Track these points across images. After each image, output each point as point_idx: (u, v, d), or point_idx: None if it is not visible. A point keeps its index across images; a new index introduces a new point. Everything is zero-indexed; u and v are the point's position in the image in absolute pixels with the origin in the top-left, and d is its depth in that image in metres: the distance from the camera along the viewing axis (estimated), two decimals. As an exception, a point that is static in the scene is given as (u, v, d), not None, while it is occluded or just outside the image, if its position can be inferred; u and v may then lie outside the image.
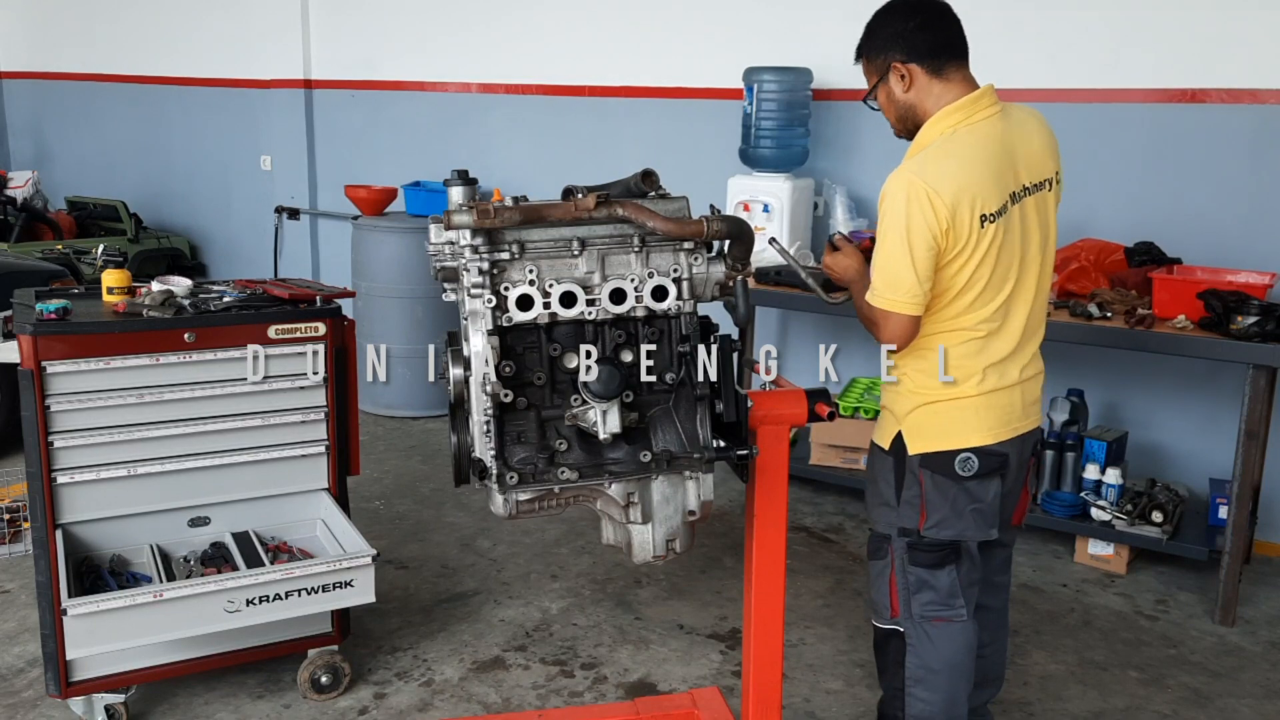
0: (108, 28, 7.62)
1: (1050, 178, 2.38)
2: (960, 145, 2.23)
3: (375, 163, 6.35)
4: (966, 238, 2.18)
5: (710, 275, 2.02)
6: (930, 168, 2.18)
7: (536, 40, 5.70)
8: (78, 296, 2.93)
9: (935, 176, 2.16)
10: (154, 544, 2.88)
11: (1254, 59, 3.95)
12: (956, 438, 2.31)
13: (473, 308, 1.91)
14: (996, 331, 2.31)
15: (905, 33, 2.30)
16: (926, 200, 2.14)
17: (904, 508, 2.34)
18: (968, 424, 2.33)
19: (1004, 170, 2.24)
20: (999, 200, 2.22)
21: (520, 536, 4.06)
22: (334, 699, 2.97)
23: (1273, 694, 3.13)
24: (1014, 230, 2.26)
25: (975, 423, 2.32)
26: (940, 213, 2.14)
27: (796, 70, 4.57)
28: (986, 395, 2.32)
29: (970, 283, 2.23)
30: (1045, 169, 2.36)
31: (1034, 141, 2.35)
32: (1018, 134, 2.32)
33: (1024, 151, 2.30)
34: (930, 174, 2.16)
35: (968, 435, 2.32)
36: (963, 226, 2.17)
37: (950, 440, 2.31)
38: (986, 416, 2.33)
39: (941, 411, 2.32)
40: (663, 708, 2.71)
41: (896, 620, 2.37)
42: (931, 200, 2.14)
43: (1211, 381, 4.11)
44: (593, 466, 1.93)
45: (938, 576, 2.34)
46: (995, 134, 2.27)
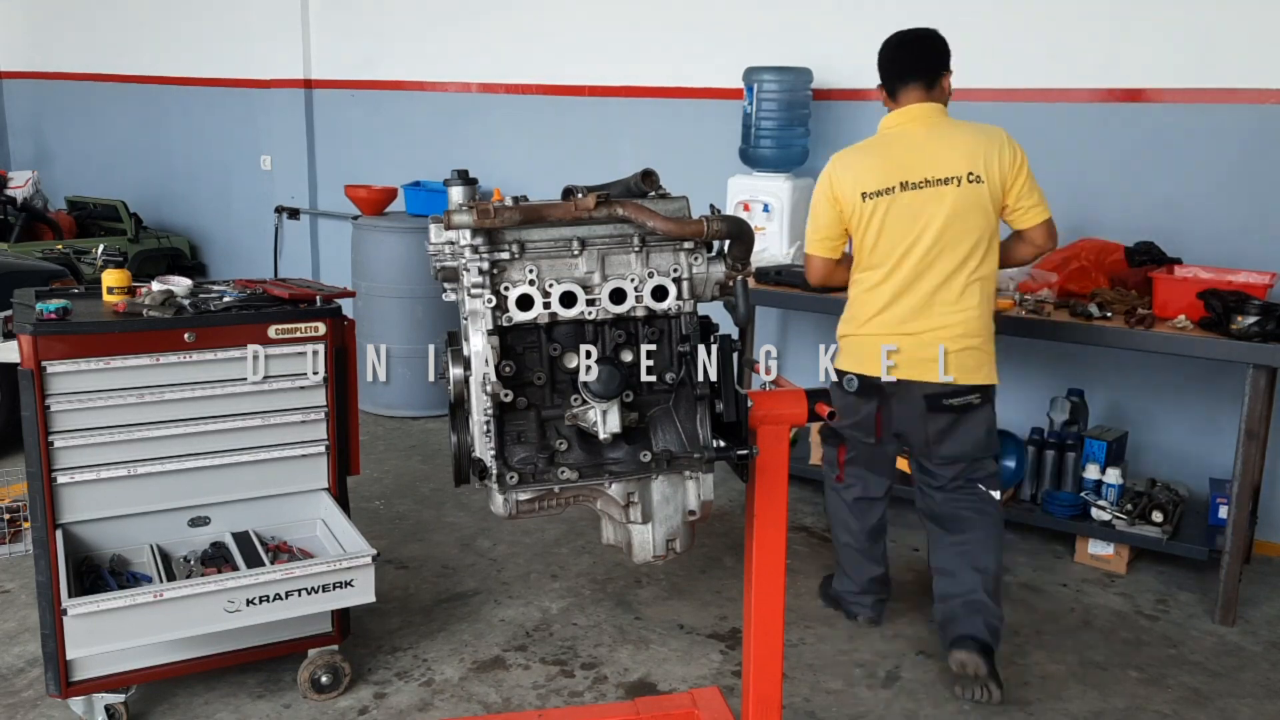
0: (108, 27, 7.62)
1: (957, 175, 2.97)
2: (870, 143, 3.14)
3: (375, 163, 6.35)
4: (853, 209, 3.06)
5: (710, 275, 2.02)
6: (843, 157, 3.13)
7: (536, 40, 5.71)
8: (78, 296, 2.93)
9: (839, 163, 3.11)
10: (154, 544, 2.88)
11: (1253, 59, 3.95)
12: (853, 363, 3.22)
13: (473, 307, 1.91)
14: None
15: (879, 64, 3.17)
16: (826, 177, 3.12)
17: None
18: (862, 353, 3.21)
19: (892, 165, 3.01)
20: (879, 184, 3.00)
21: (520, 536, 4.06)
22: (334, 699, 2.97)
23: (1273, 694, 3.13)
24: (901, 210, 2.99)
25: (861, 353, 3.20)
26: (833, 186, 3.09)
27: (796, 70, 4.57)
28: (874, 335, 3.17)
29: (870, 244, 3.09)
30: (949, 169, 2.97)
31: (946, 150, 2.99)
32: (930, 142, 3.02)
33: (927, 155, 2.99)
34: (838, 161, 3.12)
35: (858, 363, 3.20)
36: (846, 199, 3.06)
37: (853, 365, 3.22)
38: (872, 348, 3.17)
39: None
40: (663, 707, 2.71)
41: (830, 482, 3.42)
42: (830, 176, 3.11)
43: (1211, 381, 4.11)
44: (593, 466, 1.93)
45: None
46: (900, 139, 3.06)
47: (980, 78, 4.31)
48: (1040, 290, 3.90)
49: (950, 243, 2.99)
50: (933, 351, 2.99)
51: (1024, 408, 4.35)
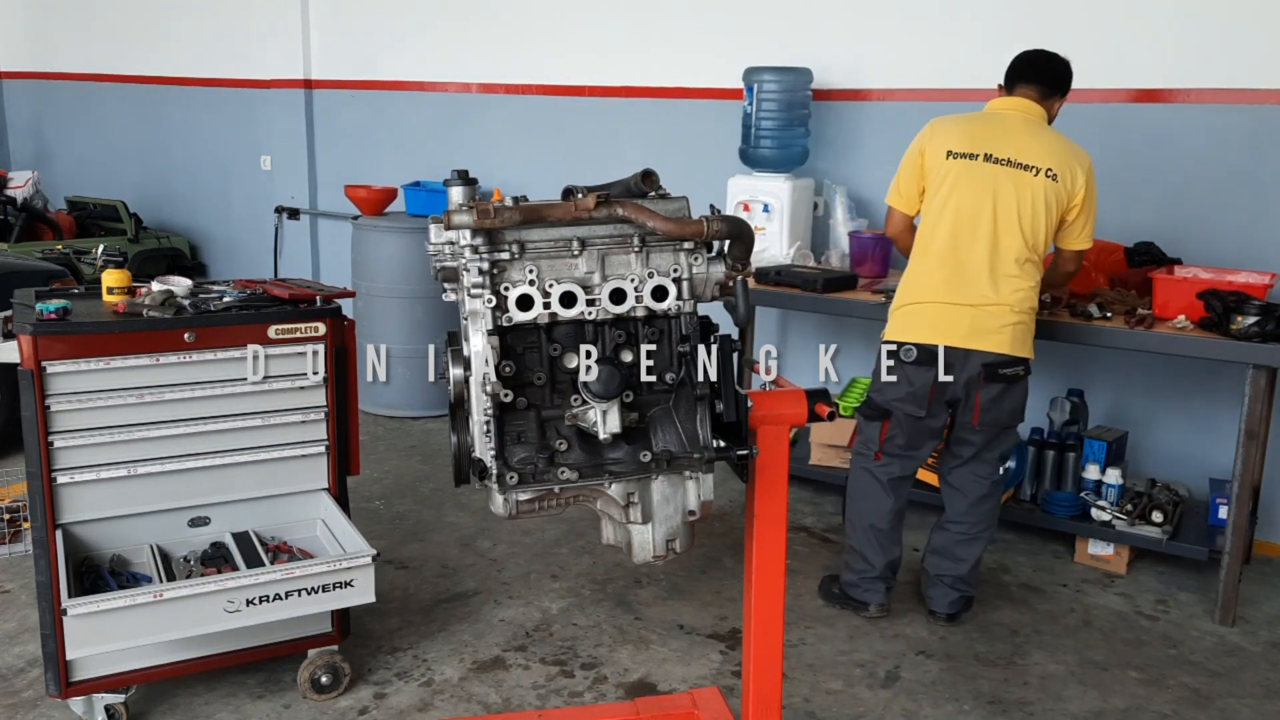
0: (108, 27, 7.62)
1: (1038, 166, 3.19)
2: (971, 115, 3.36)
3: (375, 163, 6.35)
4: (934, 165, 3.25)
5: (710, 275, 2.02)
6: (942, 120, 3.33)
7: (536, 40, 5.70)
8: (78, 296, 2.92)
9: (937, 123, 3.32)
10: (154, 544, 2.88)
11: (1253, 59, 3.95)
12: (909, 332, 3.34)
13: (473, 308, 1.91)
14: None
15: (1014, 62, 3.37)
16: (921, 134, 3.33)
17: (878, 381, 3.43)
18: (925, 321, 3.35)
19: (984, 136, 3.22)
20: (966, 148, 3.21)
21: (520, 536, 4.06)
22: (334, 699, 2.97)
23: (1273, 694, 3.13)
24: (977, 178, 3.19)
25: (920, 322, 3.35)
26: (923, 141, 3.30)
27: (796, 70, 4.57)
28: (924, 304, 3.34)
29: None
30: (1032, 159, 3.19)
31: (1036, 143, 3.22)
32: (1025, 131, 3.24)
33: (1018, 140, 3.21)
34: (937, 122, 3.33)
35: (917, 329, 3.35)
36: (931, 154, 3.26)
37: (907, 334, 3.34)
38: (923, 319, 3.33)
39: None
40: (663, 708, 2.71)
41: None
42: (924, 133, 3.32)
43: (1211, 381, 4.11)
44: (593, 466, 1.93)
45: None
46: (1000, 119, 3.29)
47: (982, 78, 4.30)
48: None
49: (1018, 223, 3.18)
50: (996, 323, 3.18)
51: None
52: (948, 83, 4.47)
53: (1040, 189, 3.18)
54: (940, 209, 3.23)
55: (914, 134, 3.35)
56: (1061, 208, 3.23)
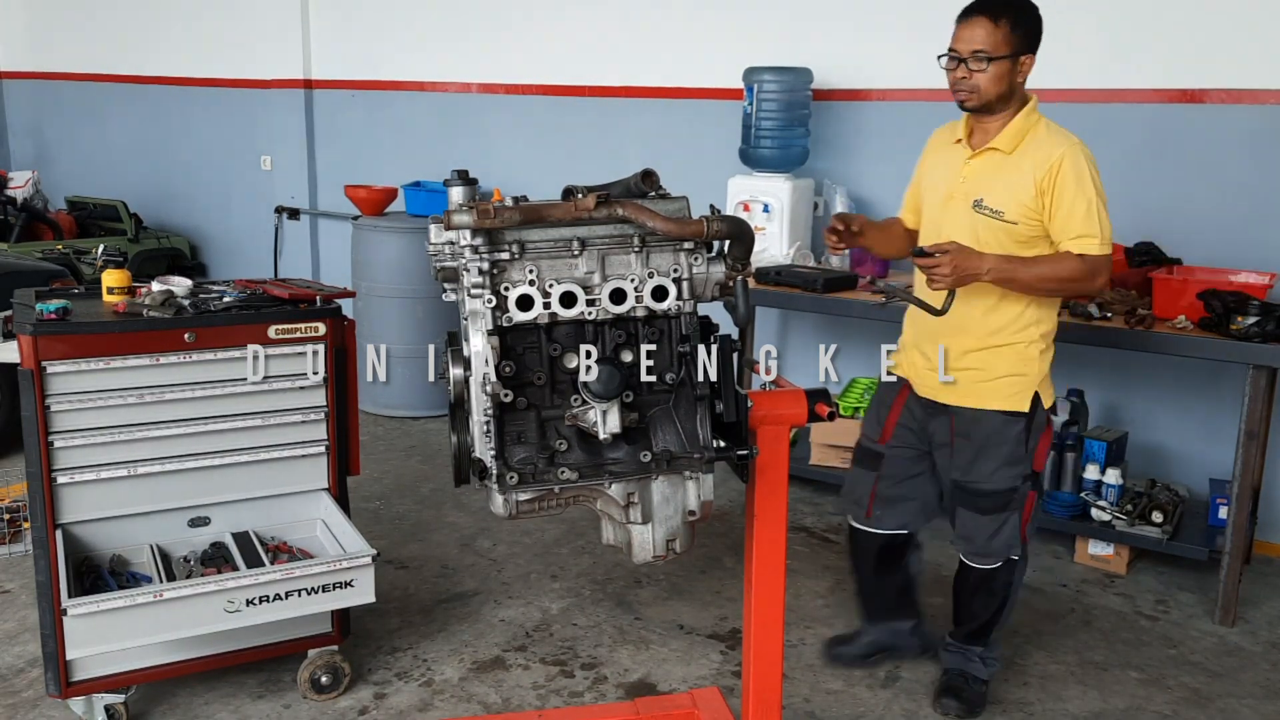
0: (108, 27, 7.62)
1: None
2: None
3: (375, 163, 6.35)
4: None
5: (710, 275, 2.02)
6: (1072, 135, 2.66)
7: (536, 40, 5.70)
8: (78, 296, 2.92)
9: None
10: (154, 544, 2.88)
11: (1254, 59, 3.95)
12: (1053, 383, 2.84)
13: (473, 308, 1.91)
14: None
15: (1039, 32, 2.67)
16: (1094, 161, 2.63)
17: (1029, 457, 2.74)
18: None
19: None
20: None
21: (520, 536, 4.06)
22: (334, 699, 2.97)
23: (1273, 694, 3.13)
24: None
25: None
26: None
27: (796, 70, 4.57)
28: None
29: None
30: None
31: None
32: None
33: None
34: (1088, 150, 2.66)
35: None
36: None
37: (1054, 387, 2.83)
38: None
39: (1051, 364, 2.77)
40: (663, 708, 2.71)
41: (1017, 550, 2.80)
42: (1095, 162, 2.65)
43: (1211, 381, 4.10)
44: (593, 467, 1.93)
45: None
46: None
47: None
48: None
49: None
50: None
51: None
52: (947, 83, 4.47)
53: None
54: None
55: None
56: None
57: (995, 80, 2.59)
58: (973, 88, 2.62)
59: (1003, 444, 2.71)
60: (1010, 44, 2.58)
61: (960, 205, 2.70)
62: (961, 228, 2.67)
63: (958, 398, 2.74)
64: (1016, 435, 2.70)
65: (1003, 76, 2.59)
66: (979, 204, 2.66)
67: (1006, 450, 2.71)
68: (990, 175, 2.66)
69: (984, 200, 2.65)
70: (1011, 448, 2.71)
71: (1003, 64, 2.58)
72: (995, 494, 2.74)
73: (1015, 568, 2.84)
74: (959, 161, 2.75)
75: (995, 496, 2.74)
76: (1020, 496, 2.75)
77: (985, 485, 2.74)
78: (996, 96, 2.62)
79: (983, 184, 2.67)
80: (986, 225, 2.65)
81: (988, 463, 2.73)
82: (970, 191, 2.69)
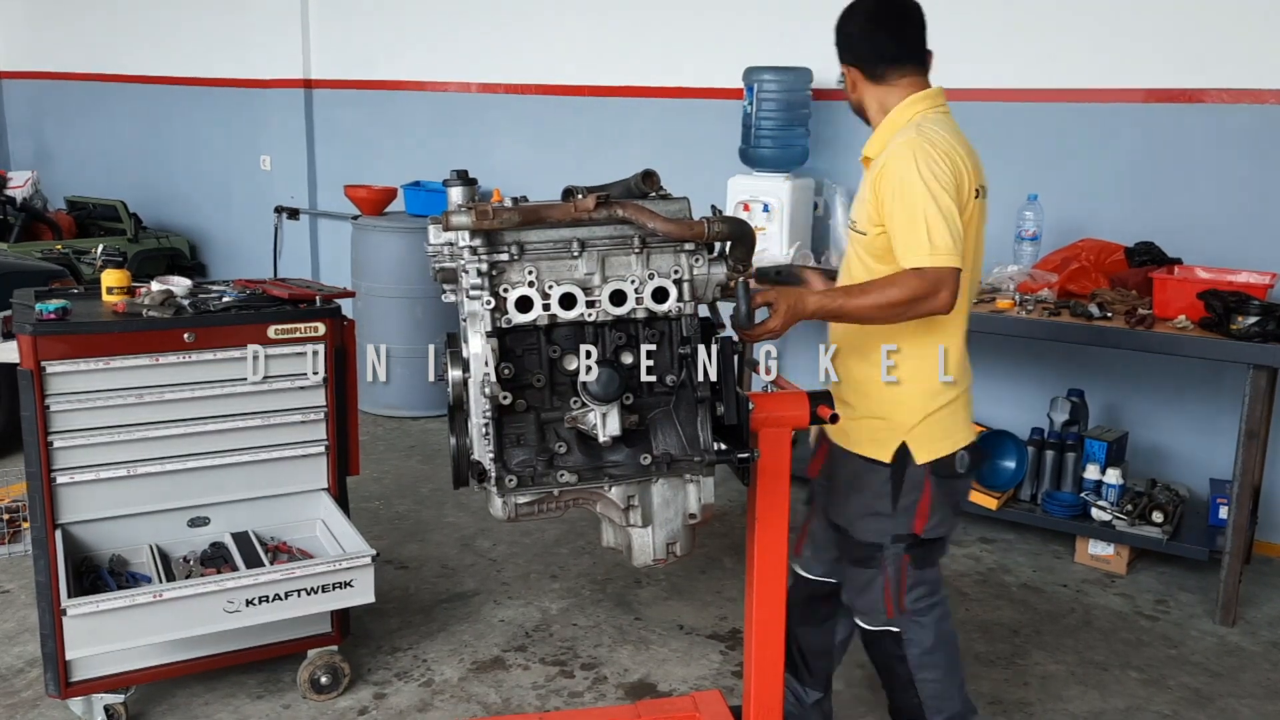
0: (107, 27, 7.61)
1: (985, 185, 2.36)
2: (940, 126, 2.26)
3: (375, 163, 6.35)
4: (967, 206, 2.21)
5: (711, 277, 2.01)
6: (928, 134, 2.21)
7: (536, 40, 5.70)
8: (77, 296, 2.92)
9: (938, 139, 2.20)
10: (154, 544, 2.88)
11: (1254, 59, 3.95)
12: (956, 438, 2.35)
13: (471, 309, 1.90)
14: (965, 319, 2.36)
15: (852, 38, 2.42)
16: (935, 157, 2.17)
17: (900, 515, 2.34)
18: (962, 423, 2.38)
19: (974, 159, 2.29)
20: (979, 181, 2.28)
21: (520, 537, 4.06)
22: (334, 699, 2.97)
23: (1273, 694, 3.13)
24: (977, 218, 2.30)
25: (965, 419, 2.39)
26: (954, 166, 2.18)
27: (796, 70, 4.57)
28: (968, 389, 2.39)
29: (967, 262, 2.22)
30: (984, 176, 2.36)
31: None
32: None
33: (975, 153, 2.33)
34: (932, 137, 2.20)
35: (965, 434, 2.37)
36: (964, 192, 2.20)
37: (952, 442, 2.34)
38: (970, 411, 2.41)
39: (946, 415, 2.33)
40: (664, 710, 2.70)
41: (891, 621, 2.41)
42: (938, 157, 2.17)
43: (1211, 381, 4.10)
44: (592, 469, 1.92)
45: (929, 573, 2.42)
46: (957, 126, 2.33)
47: (984, 78, 4.31)
48: (1040, 290, 3.89)
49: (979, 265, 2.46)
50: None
51: (1024, 408, 4.34)
52: (947, 82, 4.45)
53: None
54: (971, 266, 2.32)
55: None
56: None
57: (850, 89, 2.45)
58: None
59: (860, 491, 2.38)
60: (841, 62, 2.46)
61: (847, 228, 2.48)
62: (845, 250, 2.47)
63: (832, 432, 2.47)
64: (878, 487, 2.34)
65: (848, 92, 2.46)
66: (850, 222, 2.42)
67: (865, 500, 2.37)
68: (860, 192, 2.38)
69: (852, 219, 2.41)
70: (870, 498, 2.36)
71: (848, 72, 2.44)
72: (858, 544, 2.41)
73: (900, 644, 2.41)
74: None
75: (858, 547, 2.41)
76: (888, 559, 2.36)
77: (850, 530, 2.42)
78: (854, 108, 2.47)
79: (855, 202, 2.42)
80: (851, 242, 2.41)
81: (848, 505, 2.42)
82: (851, 210, 2.46)
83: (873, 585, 2.40)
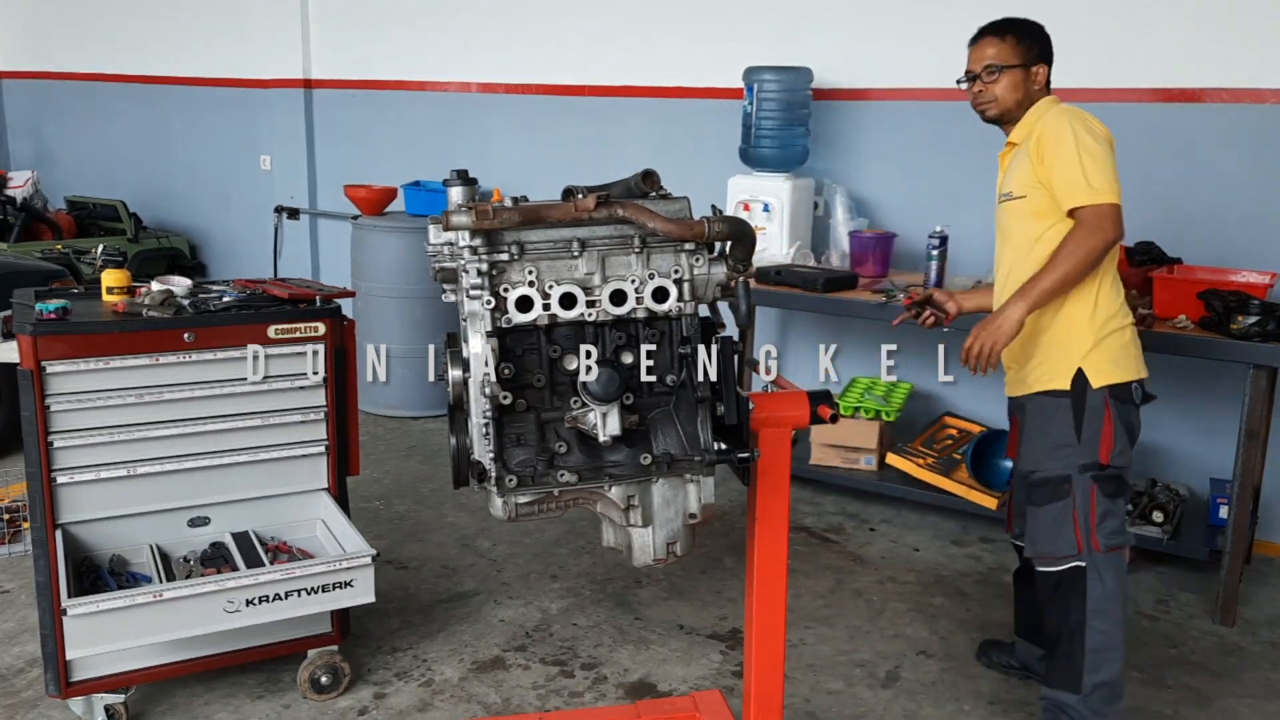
0: (107, 28, 7.61)
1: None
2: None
3: (375, 163, 6.35)
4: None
5: (711, 276, 2.01)
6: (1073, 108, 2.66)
7: (536, 40, 5.70)
8: (77, 296, 2.92)
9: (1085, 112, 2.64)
10: (154, 544, 2.88)
11: (1254, 59, 3.95)
12: (1130, 369, 2.60)
13: (471, 309, 1.91)
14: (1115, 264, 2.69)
15: (1047, 42, 2.80)
16: (1087, 118, 2.61)
17: (1085, 444, 2.55)
18: (1133, 355, 2.63)
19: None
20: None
21: (520, 537, 4.06)
22: (334, 699, 2.97)
23: (1273, 694, 3.12)
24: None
25: (1136, 353, 2.65)
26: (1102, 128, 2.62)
27: (796, 70, 4.57)
28: (1134, 327, 2.66)
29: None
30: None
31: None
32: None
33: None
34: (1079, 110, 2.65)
35: (1137, 366, 2.63)
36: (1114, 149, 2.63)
37: (1127, 372, 2.59)
38: (1140, 351, 2.67)
39: (1117, 343, 2.59)
40: (664, 710, 2.71)
41: (1080, 556, 2.55)
42: (1090, 119, 2.61)
43: (1212, 381, 4.10)
44: (592, 469, 1.92)
45: (1118, 504, 2.59)
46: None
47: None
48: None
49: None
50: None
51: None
52: (948, 82, 4.46)
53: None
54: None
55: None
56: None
57: (1010, 88, 2.73)
58: (990, 98, 2.75)
59: (1047, 426, 2.61)
60: (1019, 55, 2.73)
61: (1000, 203, 2.80)
62: (1001, 223, 2.79)
63: (1014, 388, 2.78)
64: (1061, 416, 2.57)
65: (1017, 85, 2.73)
66: (1003, 196, 2.76)
67: (1052, 433, 2.58)
68: (1011, 168, 2.76)
69: (1006, 191, 2.75)
70: (1057, 430, 2.57)
71: (1014, 73, 2.72)
72: (1045, 482, 2.60)
73: (1084, 579, 2.56)
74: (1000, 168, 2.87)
75: (1045, 486, 2.60)
76: (1077, 489, 2.55)
77: (1036, 472, 2.63)
78: (1014, 104, 2.74)
79: (1007, 178, 2.77)
80: (1007, 211, 2.75)
81: (1034, 447, 2.66)
82: (1000, 188, 2.80)
83: (1063, 521, 2.56)
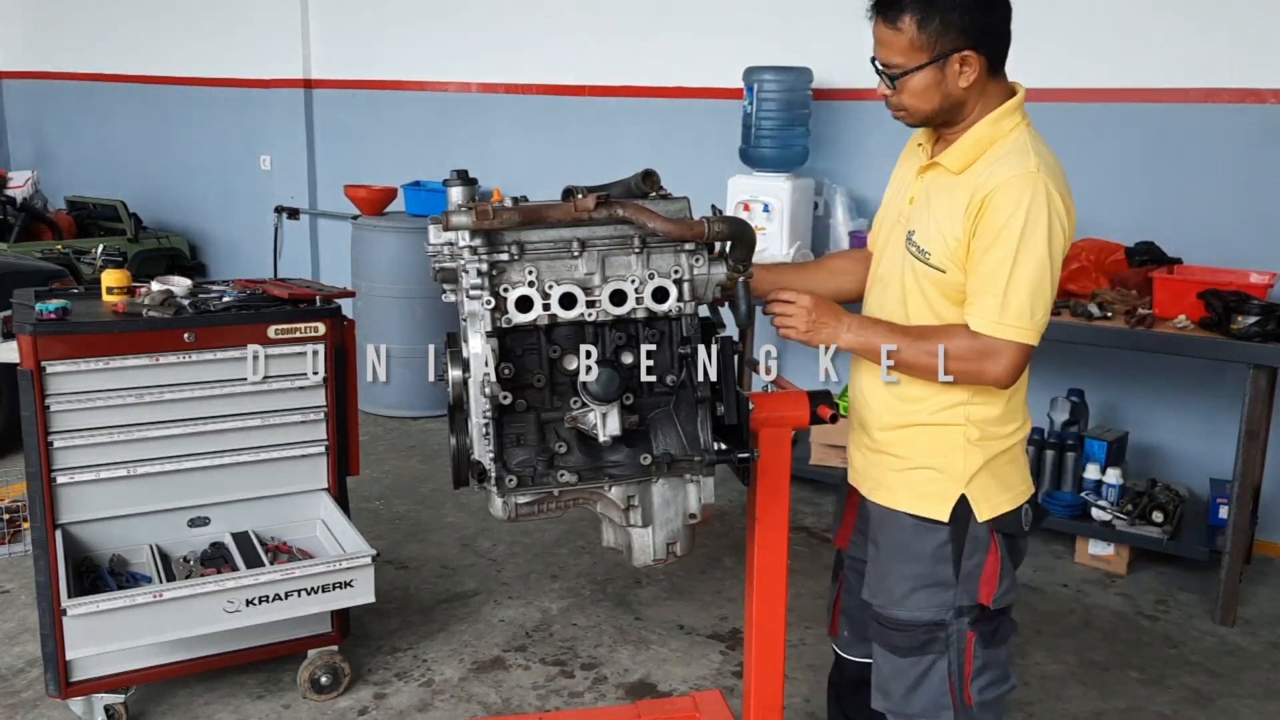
0: (107, 28, 7.62)
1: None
2: (1046, 149, 1.92)
3: (375, 163, 6.35)
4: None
5: (711, 277, 2.01)
6: (1048, 164, 1.86)
7: (536, 40, 5.70)
8: (77, 296, 2.92)
9: (1058, 178, 1.87)
10: (154, 544, 2.88)
11: (1254, 59, 3.95)
12: (1020, 489, 2.03)
13: (471, 309, 1.90)
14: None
15: (977, 16, 1.85)
16: (1064, 211, 1.84)
17: (964, 583, 1.98)
18: (1022, 467, 2.05)
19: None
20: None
21: (520, 537, 4.06)
22: (334, 699, 2.97)
23: (1273, 694, 3.13)
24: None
25: (1024, 469, 2.07)
26: (1070, 224, 1.86)
27: (796, 70, 4.57)
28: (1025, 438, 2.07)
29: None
30: None
31: None
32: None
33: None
34: (1055, 176, 1.86)
35: (1026, 486, 2.05)
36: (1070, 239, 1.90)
37: (1017, 495, 2.02)
38: (1027, 460, 2.12)
39: (1005, 463, 2.00)
40: (664, 710, 2.71)
41: (949, 716, 2.00)
42: (1066, 211, 1.85)
43: (1211, 381, 4.10)
44: (592, 469, 1.92)
45: (999, 653, 2.03)
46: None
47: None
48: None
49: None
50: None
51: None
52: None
53: None
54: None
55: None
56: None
57: (920, 95, 1.90)
58: (898, 106, 1.95)
59: (915, 559, 2.00)
60: (925, 45, 1.86)
61: (899, 235, 2.03)
62: (893, 266, 2.03)
63: (868, 488, 2.11)
64: (935, 550, 1.98)
65: (929, 88, 1.89)
66: (910, 237, 1.98)
67: (921, 568, 1.99)
68: (932, 198, 1.96)
69: (915, 233, 1.97)
70: (928, 566, 1.99)
71: (925, 74, 1.88)
72: (911, 627, 2.01)
73: None
74: (913, 174, 2.05)
75: (911, 631, 2.01)
76: (952, 637, 1.99)
77: (897, 612, 2.02)
78: (933, 111, 1.92)
79: (921, 209, 1.98)
80: (912, 269, 1.98)
81: (894, 579, 2.03)
82: (910, 218, 2.01)
83: (929, 677, 2.00)
